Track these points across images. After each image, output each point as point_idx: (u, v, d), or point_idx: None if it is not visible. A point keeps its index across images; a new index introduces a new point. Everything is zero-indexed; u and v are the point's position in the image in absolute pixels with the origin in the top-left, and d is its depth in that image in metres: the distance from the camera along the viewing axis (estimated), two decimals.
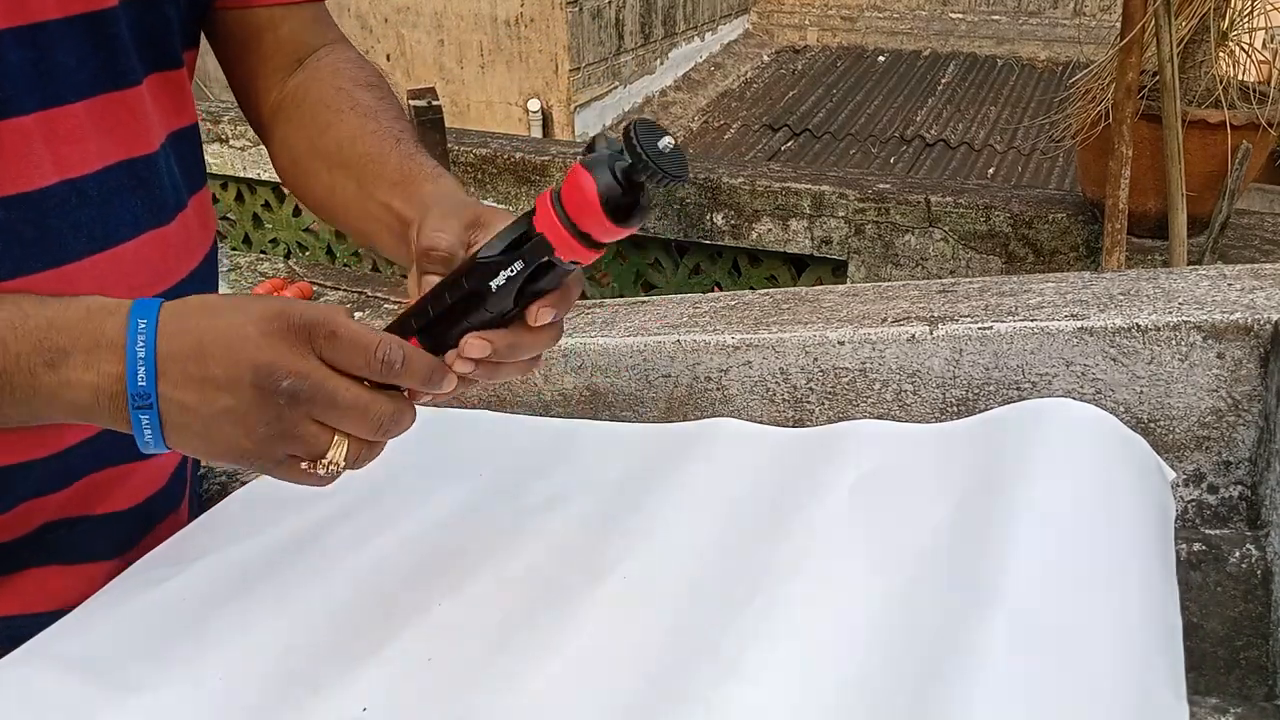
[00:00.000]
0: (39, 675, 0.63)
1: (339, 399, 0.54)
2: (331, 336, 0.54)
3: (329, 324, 0.54)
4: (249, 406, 0.53)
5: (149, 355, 0.54)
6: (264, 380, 0.53)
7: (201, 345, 0.54)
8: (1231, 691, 0.68)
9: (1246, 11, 2.34)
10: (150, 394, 0.54)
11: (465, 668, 0.62)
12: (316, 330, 0.54)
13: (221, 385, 0.53)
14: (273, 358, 0.53)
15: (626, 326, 0.97)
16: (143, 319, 0.54)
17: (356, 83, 0.78)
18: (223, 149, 3.49)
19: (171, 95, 0.74)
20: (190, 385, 0.54)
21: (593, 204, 0.51)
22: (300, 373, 0.53)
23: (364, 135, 0.73)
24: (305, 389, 0.53)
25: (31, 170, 0.63)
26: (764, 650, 0.59)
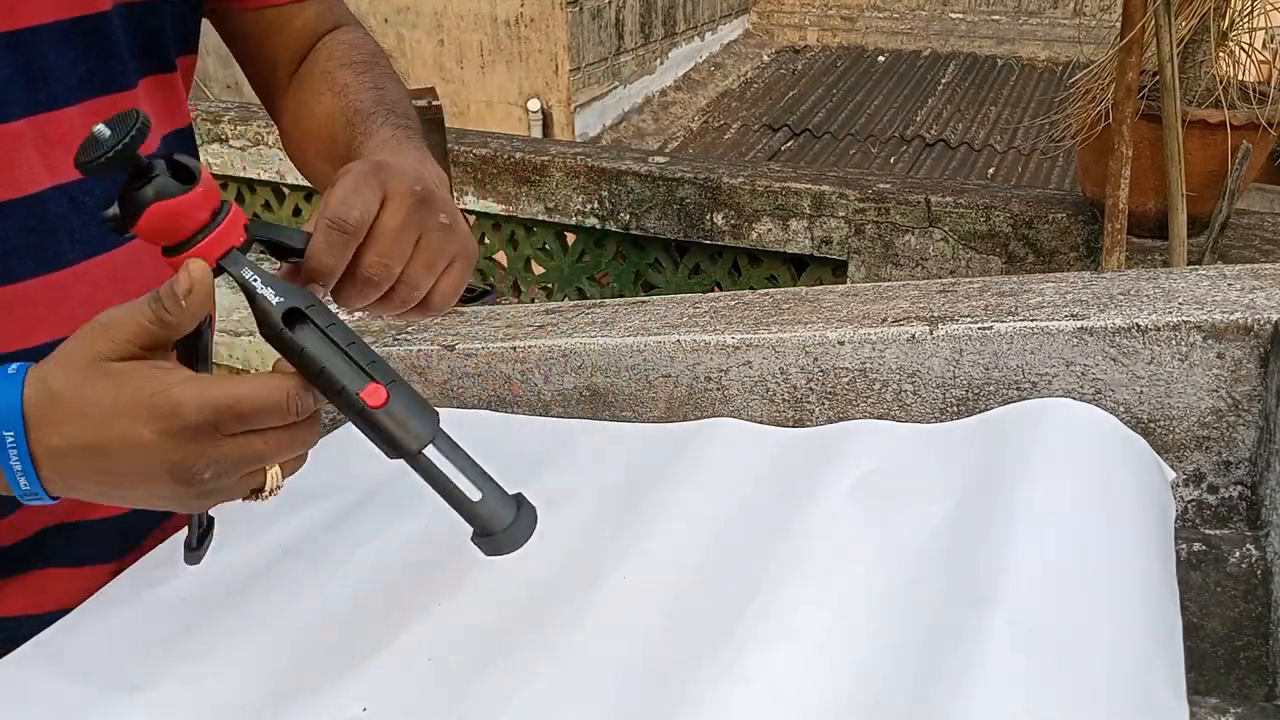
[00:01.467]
0: (39, 675, 0.63)
1: (265, 455, 0.52)
2: (239, 418, 0.51)
3: (231, 407, 0.50)
4: (170, 494, 0.52)
5: (26, 465, 0.51)
6: (184, 475, 0.51)
7: (96, 447, 0.51)
8: (1231, 691, 0.68)
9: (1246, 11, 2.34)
10: (40, 493, 0.52)
11: (465, 667, 0.62)
12: (221, 418, 0.50)
13: (130, 478, 0.52)
14: (184, 458, 0.50)
15: (626, 326, 0.97)
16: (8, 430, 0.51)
17: (342, 62, 0.78)
18: (223, 149, 3.49)
19: (165, 99, 0.74)
20: (93, 477, 0.52)
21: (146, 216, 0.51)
22: (217, 459, 0.51)
23: (334, 116, 0.73)
24: (229, 466, 0.51)
25: (23, 175, 0.63)
26: (764, 650, 0.58)
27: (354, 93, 0.74)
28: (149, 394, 0.50)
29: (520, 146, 3.21)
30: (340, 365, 0.52)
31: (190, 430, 0.50)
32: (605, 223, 3.02)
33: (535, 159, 3.06)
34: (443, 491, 0.52)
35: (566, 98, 6.04)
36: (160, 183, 0.50)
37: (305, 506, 0.80)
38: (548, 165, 3.04)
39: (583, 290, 3.16)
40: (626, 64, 6.59)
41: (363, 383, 0.51)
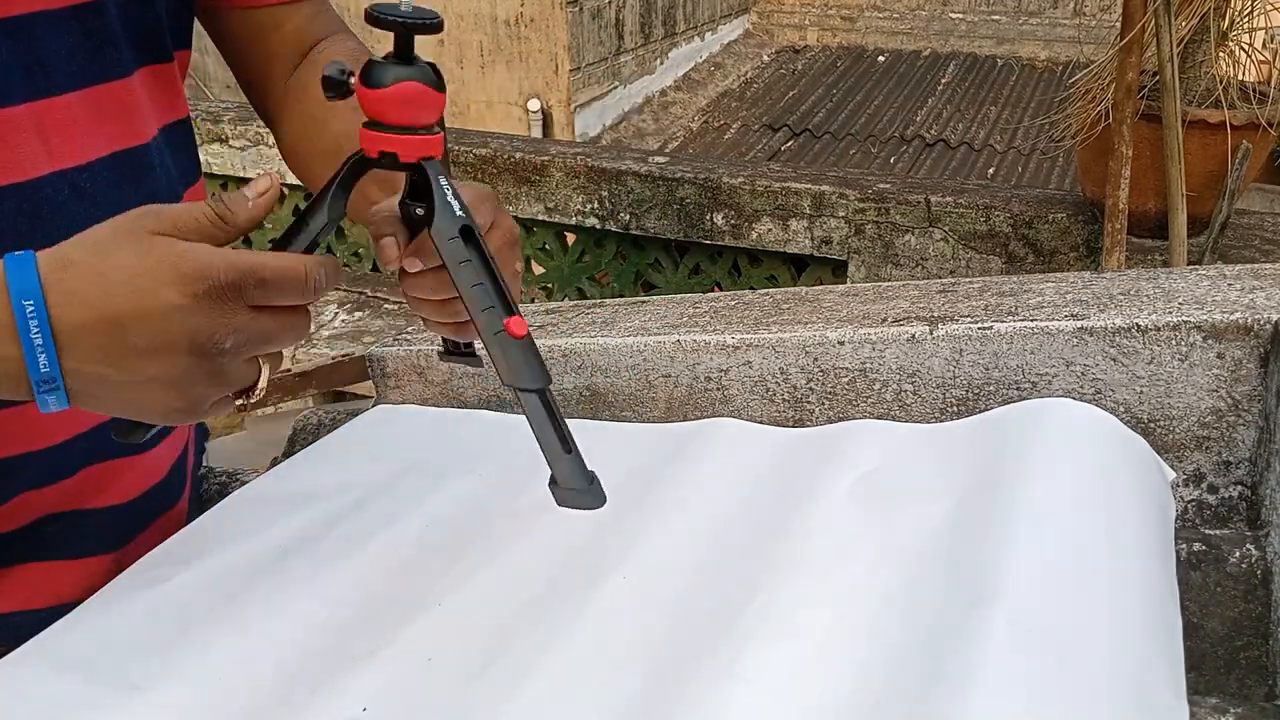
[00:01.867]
0: (39, 674, 0.63)
1: (273, 337, 0.54)
2: (261, 285, 0.52)
3: (255, 273, 0.52)
4: (185, 371, 0.51)
5: (45, 339, 0.50)
6: (204, 346, 0.51)
7: (116, 317, 0.50)
8: (1231, 691, 0.68)
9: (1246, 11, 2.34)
10: (55, 377, 0.51)
11: (465, 668, 0.62)
12: (245, 284, 0.51)
13: (147, 354, 0.51)
14: (209, 324, 0.51)
15: (626, 326, 0.97)
16: (27, 299, 0.50)
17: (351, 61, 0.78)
18: (223, 149, 3.49)
19: (163, 89, 0.74)
20: (108, 359, 0.51)
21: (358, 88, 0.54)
22: (239, 328, 0.52)
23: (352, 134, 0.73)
24: (245, 341, 0.52)
25: (24, 160, 0.63)
26: (763, 650, 0.58)
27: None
28: (175, 256, 0.51)
29: (520, 146, 3.21)
30: (496, 290, 0.55)
31: (216, 291, 0.51)
32: (605, 223, 3.02)
33: (535, 159, 3.06)
34: (544, 434, 0.55)
35: (566, 98, 6.04)
36: (421, 70, 0.53)
37: (306, 506, 0.80)
38: (548, 165, 3.04)
39: (583, 290, 3.16)
40: (626, 64, 6.58)
41: (509, 311, 0.55)
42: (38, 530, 0.73)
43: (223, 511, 0.81)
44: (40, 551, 0.74)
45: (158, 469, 0.81)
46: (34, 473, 0.70)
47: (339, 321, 3.24)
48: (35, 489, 0.71)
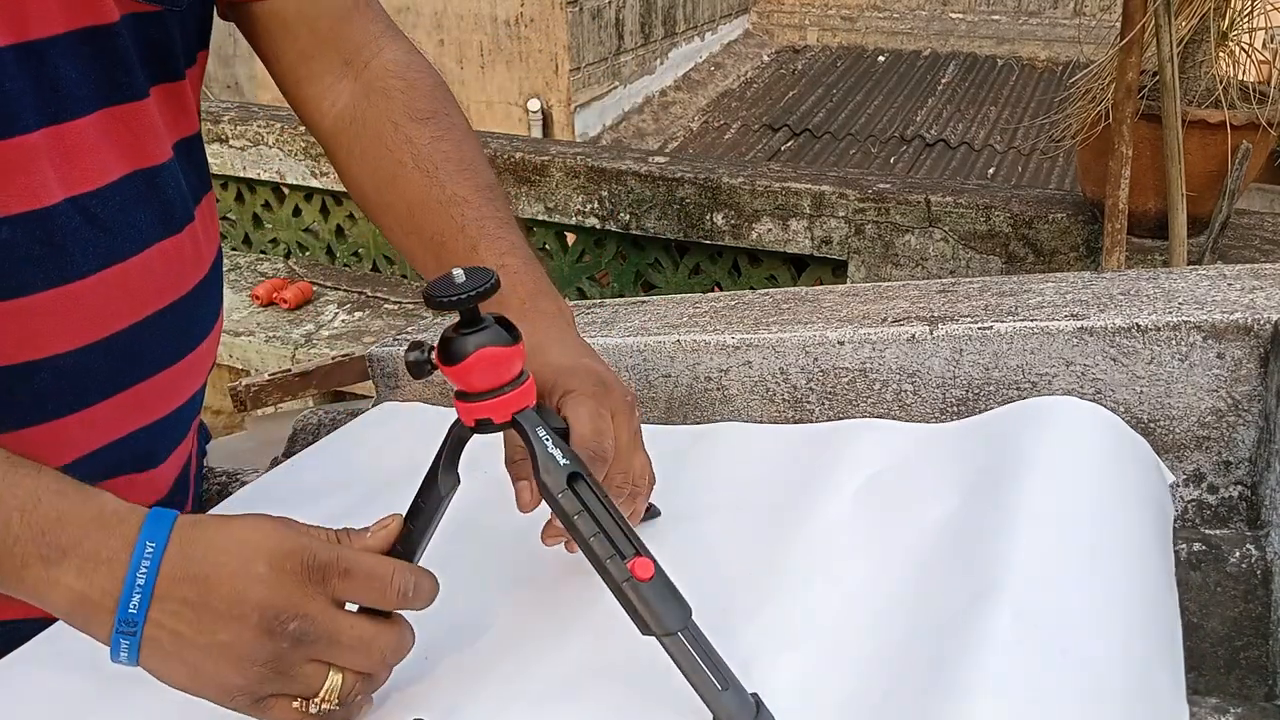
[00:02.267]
0: (42, 672, 0.63)
1: (343, 639, 0.53)
2: (345, 575, 0.53)
3: (342, 563, 0.53)
4: (249, 646, 0.51)
5: (148, 584, 0.51)
6: (271, 623, 0.51)
7: (207, 576, 0.51)
8: (1231, 691, 0.68)
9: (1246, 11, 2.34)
10: (138, 623, 0.51)
11: (464, 666, 0.62)
12: (330, 571, 0.53)
13: (221, 618, 0.51)
14: (282, 601, 0.51)
15: (626, 326, 0.97)
16: (151, 541, 0.52)
17: (411, 115, 0.76)
18: (223, 149, 3.49)
19: (176, 107, 0.73)
20: (187, 616, 0.51)
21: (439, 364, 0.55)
22: (308, 615, 0.52)
23: (429, 206, 0.73)
24: (312, 632, 0.52)
25: (37, 187, 0.63)
26: (769, 649, 0.59)
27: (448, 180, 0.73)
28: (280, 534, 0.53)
29: (520, 146, 3.21)
30: (615, 531, 0.54)
31: (300, 570, 0.52)
32: (605, 223, 3.02)
33: (535, 159, 3.06)
34: (690, 674, 0.53)
35: (566, 98, 6.04)
36: (493, 332, 0.54)
37: (309, 504, 0.80)
38: (548, 165, 3.04)
39: (583, 290, 3.16)
40: (626, 64, 6.58)
41: (633, 553, 0.54)
42: None
43: (224, 511, 0.81)
44: None
45: (163, 484, 0.80)
46: None
47: (339, 321, 3.24)
48: None
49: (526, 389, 0.56)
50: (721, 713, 0.53)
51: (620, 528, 0.54)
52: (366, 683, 0.56)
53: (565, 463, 0.55)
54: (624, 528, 0.55)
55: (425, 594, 0.56)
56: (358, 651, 0.54)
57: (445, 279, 0.53)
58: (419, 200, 0.73)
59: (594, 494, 0.55)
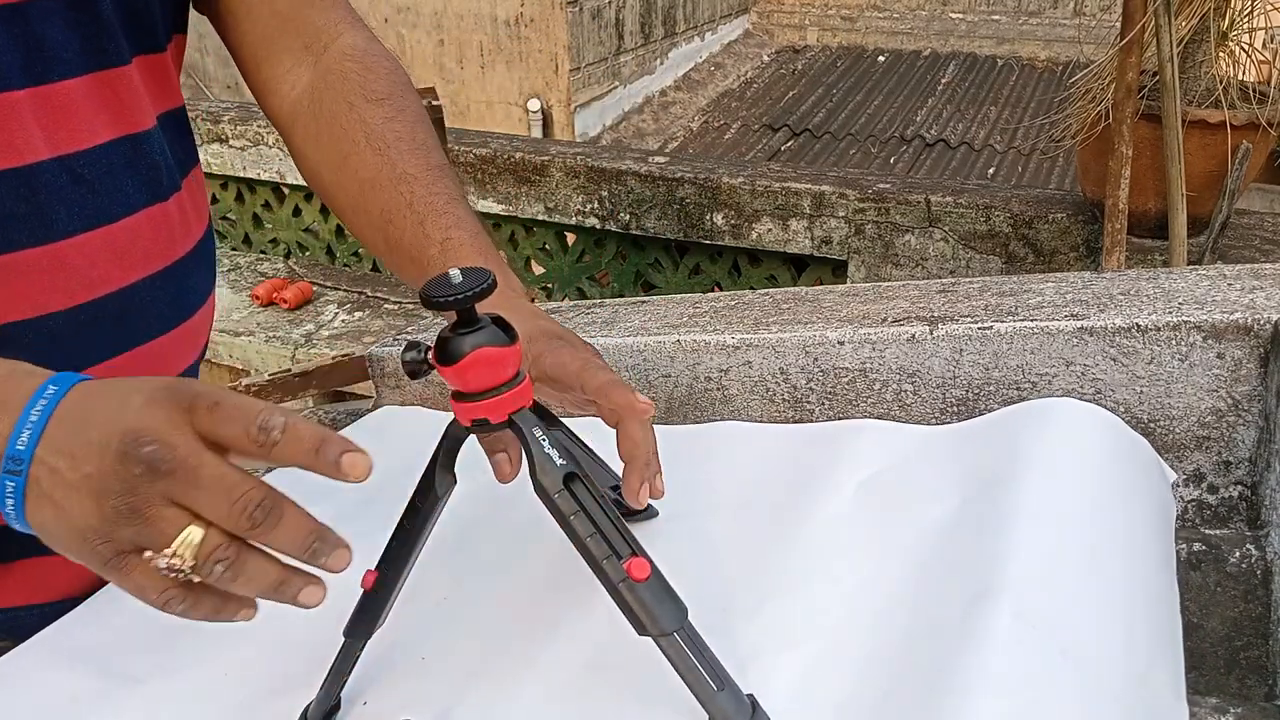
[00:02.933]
0: (46, 668, 0.63)
1: (202, 474, 0.47)
2: (214, 406, 0.48)
3: (215, 395, 0.49)
4: (107, 475, 0.47)
5: (40, 420, 0.49)
6: (128, 445, 0.47)
7: (91, 410, 0.50)
8: (1231, 691, 0.68)
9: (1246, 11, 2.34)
10: (24, 460, 0.49)
11: (462, 666, 0.62)
12: (199, 400, 0.49)
13: (90, 448, 0.48)
14: (143, 424, 0.48)
15: (626, 326, 0.97)
16: (54, 385, 0.50)
17: (365, 96, 0.77)
18: (223, 149, 3.49)
19: (158, 78, 0.74)
20: (64, 451, 0.49)
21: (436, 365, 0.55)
22: (166, 442, 0.47)
23: (380, 184, 0.73)
24: (166, 459, 0.47)
25: (22, 145, 0.64)
26: (768, 648, 0.59)
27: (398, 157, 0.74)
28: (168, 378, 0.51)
29: (520, 146, 3.21)
30: (611, 531, 0.54)
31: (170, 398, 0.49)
32: (605, 223, 3.02)
33: (535, 159, 3.06)
34: (686, 675, 0.53)
35: (566, 98, 6.04)
36: (490, 332, 0.54)
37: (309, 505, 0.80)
38: (548, 165, 3.04)
39: (583, 290, 3.16)
40: (626, 64, 6.59)
41: (629, 553, 0.54)
42: None
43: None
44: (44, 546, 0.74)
45: None
46: None
47: (339, 321, 3.24)
48: None
49: (523, 389, 0.56)
50: (717, 714, 0.53)
51: (616, 528, 0.54)
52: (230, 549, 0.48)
53: (562, 463, 0.55)
54: (620, 528, 0.55)
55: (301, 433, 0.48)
56: (216, 492, 0.47)
57: (442, 279, 0.53)
58: (369, 179, 0.74)
59: (590, 494, 0.55)
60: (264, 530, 0.48)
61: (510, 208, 3.14)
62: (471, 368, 0.54)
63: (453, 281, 0.53)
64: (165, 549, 0.47)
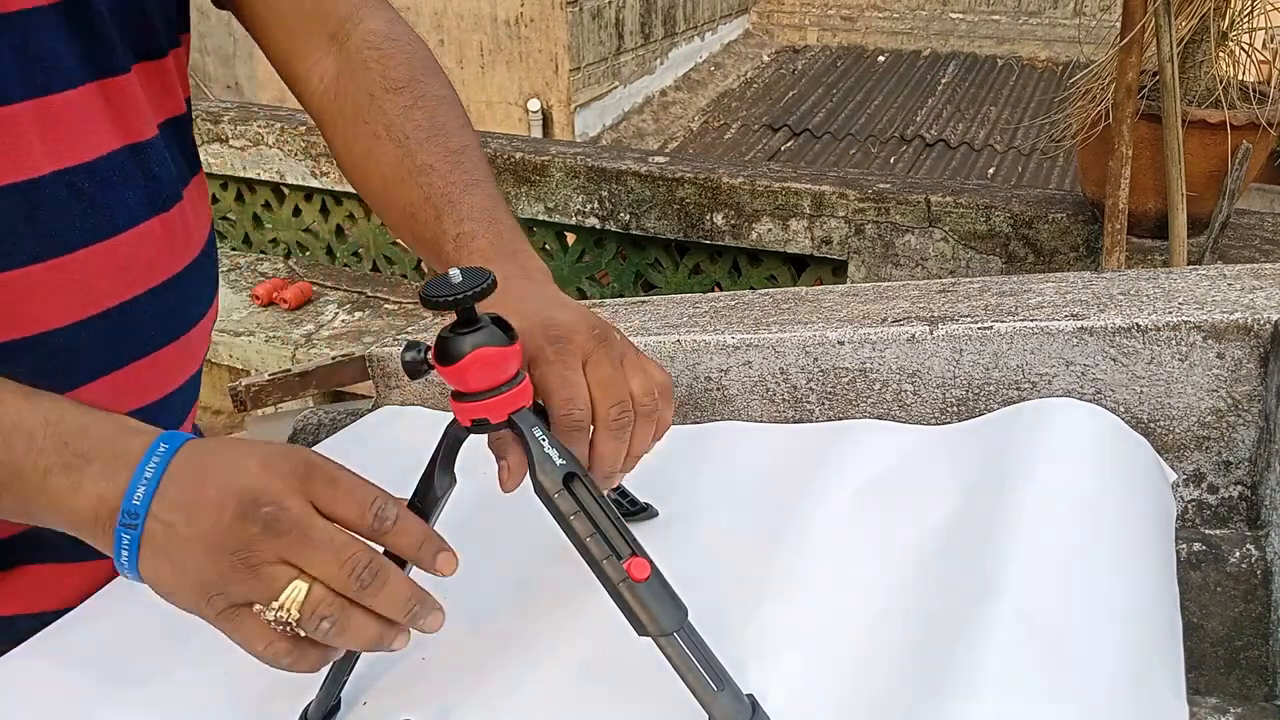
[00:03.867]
0: (44, 670, 0.63)
1: (313, 535, 0.51)
2: (331, 482, 0.53)
3: (331, 471, 0.53)
4: (224, 531, 0.51)
5: (155, 477, 0.53)
6: (246, 506, 0.51)
7: (204, 471, 0.53)
8: (1231, 691, 0.68)
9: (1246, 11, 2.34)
10: (139, 515, 0.52)
11: (462, 666, 0.62)
12: (316, 473, 0.53)
13: (207, 506, 0.51)
14: (261, 486, 0.51)
15: (626, 326, 0.97)
16: (166, 444, 0.54)
17: (385, 85, 0.76)
18: (223, 149, 3.49)
19: (159, 85, 0.74)
20: (180, 507, 0.52)
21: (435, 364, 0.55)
22: (282, 505, 0.51)
23: (401, 178, 0.73)
24: (283, 520, 0.51)
25: (22, 159, 0.63)
26: (768, 648, 0.59)
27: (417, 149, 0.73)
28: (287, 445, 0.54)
29: (520, 146, 3.21)
30: (611, 531, 0.54)
31: (288, 469, 0.52)
32: (605, 223, 3.02)
33: (535, 159, 3.06)
34: (686, 675, 0.53)
35: (566, 98, 6.04)
36: (489, 332, 0.54)
37: None
38: (548, 165, 3.04)
39: (583, 290, 3.16)
40: (626, 64, 6.59)
41: (629, 553, 0.54)
42: (42, 532, 0.73)
43: None
44: (44, 554, 0.74)
45: None
46: None
47: (339, 321, 3.24)
48: None
49: (523, 389, 0.56)
50: (718, 714, 0.52)
51: (616, 528, 0.54)
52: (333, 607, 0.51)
53: (561, 463, 0.55)
54: (620, 528, 0.54)
55: (409, 529, 0.54)
56: (326, 554, 0.51)
57: (442, 279, 0.53)
58: (391, 174, 0.74)
59: (590, 494, 0.55)
60: (370, 593, 0.52)
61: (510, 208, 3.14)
62: (471, 368, 0.54)
63: (452, 281, 0.53)
64: (274, 602, 0.51)
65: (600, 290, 3.14)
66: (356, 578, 0.51)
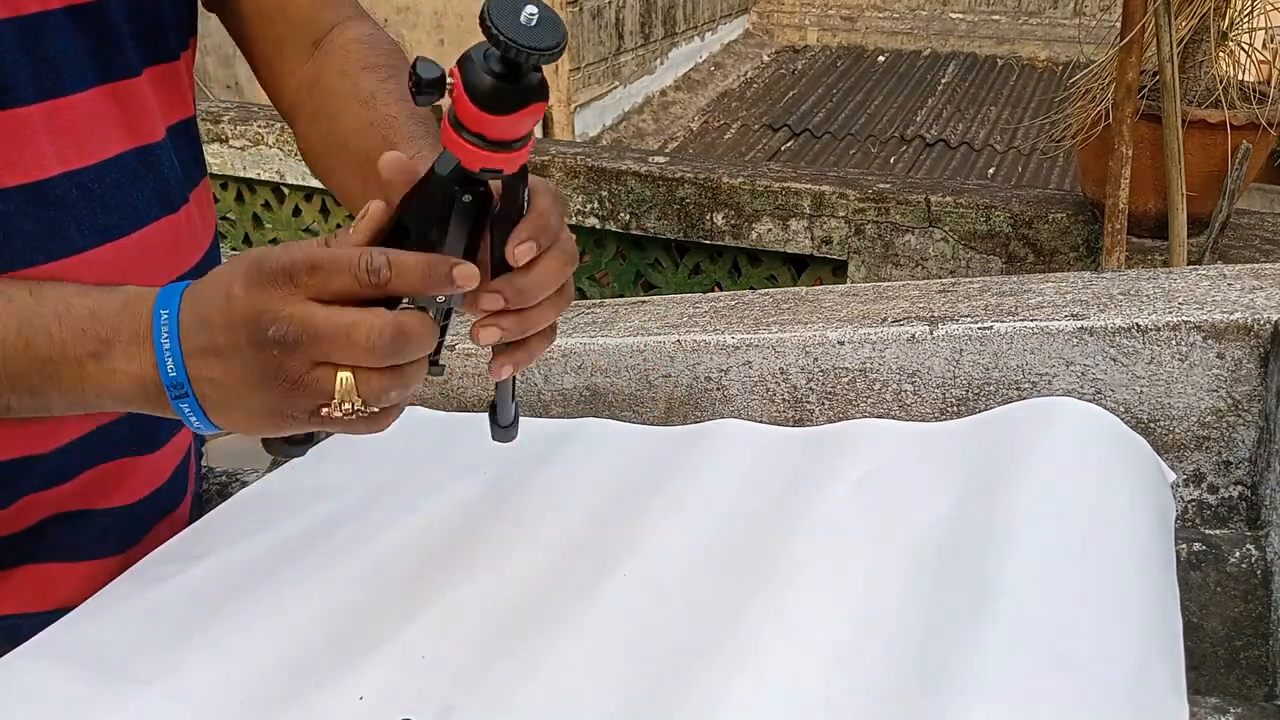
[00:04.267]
0: (44, 669, 0.63)
1: (322, 331, 0.51)
2: (313, 270, 0.51)
3: (306, 259, 0.51)
4: (255, 364, 0.52)
5: (174, 345, 0.54)
6: (254, 334, 0.51)
7: (206, 318, 0.53)
8: (1231, 691, 0.68)
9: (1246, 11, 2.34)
10: (183, 382, 0.54)
11: (462, 665, 0.62)
12: (296, 269, 0.51)
13: (227, 349, 0.52)
14: (256, 310, 0.51)
15: (626, 326, 0.97)
16: (165, 309, 0.54)
17: (362, 64, 0.76)
18: (223, 149, 3.49)
19: (169, 88, 0.74)
20: (210, 360, 0.53)
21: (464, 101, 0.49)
22: (281, 316, 0.51)
23: (364, 130, 0.72)
24: (291, 332, 0.51)
25: (32, 161, 0.64)
26: (765, 648, 0.59)
27: (383, 104, 0.73)
28: (248, 256, 0.53)
29: None
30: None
31: (268, 276, 0.51)
32: (605, 223, 3.02)
33: (535, 159, 3.06)
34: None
35: (566, 98, 6.04)
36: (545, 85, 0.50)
37: (308, 507, 0.80)
38: (548, 165, 3.04)
39: (583, 290, 3.16)
40: (626, 64, 6.59)
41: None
42: (42, 531, 0.73)
43: (226, 511, 0.81)
44: (44, 553, 0.74)
45: (163, 471, 0.81)
46: (41, 474, 0.71)
47: None
48: (41, 490, 0.71)
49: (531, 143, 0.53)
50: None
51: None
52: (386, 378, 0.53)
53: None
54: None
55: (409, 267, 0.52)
56: (343, 343, 0.51)
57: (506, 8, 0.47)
58: (354, 128, 0.73)
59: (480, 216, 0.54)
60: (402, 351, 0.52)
61: None
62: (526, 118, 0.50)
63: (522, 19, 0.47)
64: (335, 401, 0.52)
65: (600, 290, 3.14)
66: (383, 350, 0.51)
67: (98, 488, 0.75)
